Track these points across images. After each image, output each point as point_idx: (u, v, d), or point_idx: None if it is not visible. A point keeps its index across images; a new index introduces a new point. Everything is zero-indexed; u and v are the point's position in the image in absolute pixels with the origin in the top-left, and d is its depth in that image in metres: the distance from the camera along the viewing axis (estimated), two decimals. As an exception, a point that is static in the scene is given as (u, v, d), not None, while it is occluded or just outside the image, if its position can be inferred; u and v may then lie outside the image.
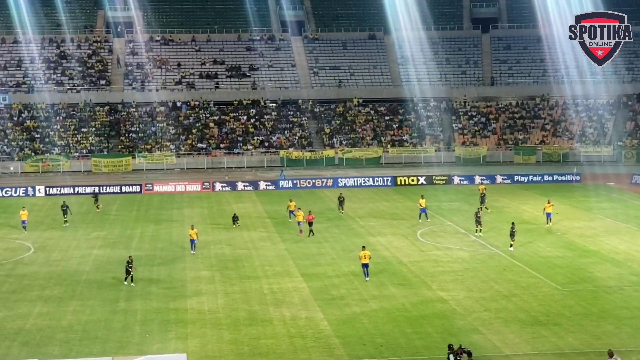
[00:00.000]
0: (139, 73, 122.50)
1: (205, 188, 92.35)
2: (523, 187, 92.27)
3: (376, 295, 48.44)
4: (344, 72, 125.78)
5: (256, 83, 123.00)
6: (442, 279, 52.00)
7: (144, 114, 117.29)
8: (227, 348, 39.82)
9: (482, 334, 41.24)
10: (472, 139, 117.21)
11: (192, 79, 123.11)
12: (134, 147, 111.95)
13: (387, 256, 58.32)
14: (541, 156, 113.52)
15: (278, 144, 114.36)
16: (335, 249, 61.07)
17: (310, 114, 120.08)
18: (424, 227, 68.91)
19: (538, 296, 47.70)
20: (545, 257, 57.59)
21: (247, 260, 57.77)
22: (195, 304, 46.97)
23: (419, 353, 38.95)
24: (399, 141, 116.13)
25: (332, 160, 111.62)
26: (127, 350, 38.90)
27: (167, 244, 63.36)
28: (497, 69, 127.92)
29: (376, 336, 41.28)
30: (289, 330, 42.15)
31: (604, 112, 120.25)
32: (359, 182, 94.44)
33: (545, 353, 38.74)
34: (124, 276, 51.66)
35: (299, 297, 48.36)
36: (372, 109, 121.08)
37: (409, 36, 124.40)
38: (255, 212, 77.90)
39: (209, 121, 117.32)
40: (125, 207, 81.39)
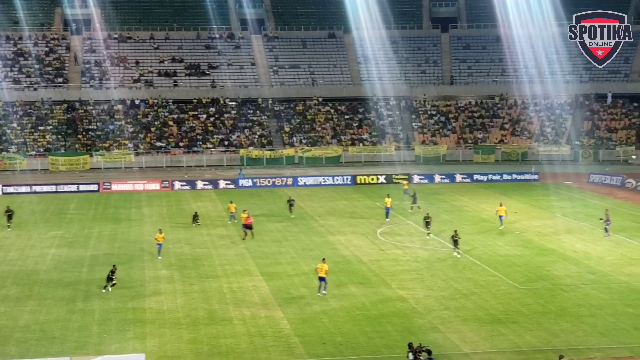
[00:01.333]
0: (96, 71, 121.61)
1: (164, 187, 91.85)
2: (482, 185, 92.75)
3: (336, 294, 48.39)
4: (303, 70, 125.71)
5: (215, 81, 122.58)
6: (401, 277, 52.07)
7: (102, 112, 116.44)
8: (186, 348, 39.59)
9: (442, 332, 41.34)
10: (431, 138, 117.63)
11: (151, 77, 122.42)
12: (91, 146, 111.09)
13: (346, 255, 58.32)
14: (500, 155, 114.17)
15: (238, 142, 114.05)
16: (295, 247, 60.97)
17: (270, 112, 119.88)
18: (384, 226, 69.01)
19: (497, 294, 47.93)
20: (504, 255, 57.88)
21: (207, 259, 57.52)
22: (154, 303, 46.66)
23: (379, 352, 38.96)
24: (358, 140, 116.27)
25: (292, 159, 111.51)
26: (85, 350, 38.56)
27: (125, 243, 62.91)
28: (457, 68, 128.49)
29: (336, 335, 41.24)
30: (249, 330, 42.00)
31: (562, 111, 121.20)
32: (318, 181, 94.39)
33: (504, 351, 38.90)
34: (82, 276, 51.13)
35: (259, 296, 48.21)
36: (332, 108, 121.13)
37: (369, 35, 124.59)
38: (214, 211, 77.60)
39: (167, 119, 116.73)
40: (83, 206, 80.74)
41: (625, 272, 53.10)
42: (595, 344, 39.48)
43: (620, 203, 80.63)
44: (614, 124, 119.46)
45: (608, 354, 37.81)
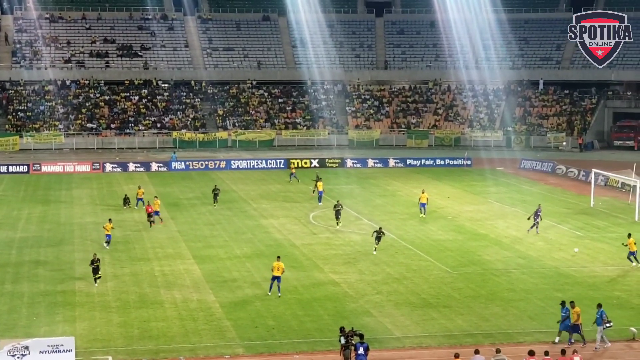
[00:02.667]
0: (28, 51, 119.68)
1: (95, 169, 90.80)
2: (415, 170, 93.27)
3: (268, 277, 48.14)
4: (237, 53, 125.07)
5: (148, 63, 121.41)
6: (334, 261, 52.15)
7: (33, 92, 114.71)
8: (116, 331, 39.21)
9: (374, 317, 41.48)
10: (365, 122, 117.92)
11: (82, 58, 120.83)
12: (21, 126, 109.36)
13: (279, 239, 58.25)
14: (433, 140, 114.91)
15: (170, 125, 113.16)
16: (227, 231, 60.73)
17: (203, 95, 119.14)
18: (317, 210, 69.04)
19: (429, 279, 48.24)
20: (436, 240, 58.29)
21: (138, 242, 57.03)
22: (84, 286, 46.14)
23: (311, 335, 38.98)
24: (292, 124, 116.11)
25: (225, 142, 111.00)
26: (14, 333, 38.00)
27: (54, 225, 62.10)
28: (391, 53, 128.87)
29: (268, 319, 41.16)
30: (180, 313, 41.73)
31: (495, 97, 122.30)
32: (251, 165, 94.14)
33: (435, 335, 39.17)
34: (11, 258, 50.22)
35: (191, 279, 47.94)
36: (265, 91, 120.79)
37: (304, 18, 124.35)
38: (147, 193, 76.80)
39: (99, 101, 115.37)
40: (12, 188, 79.53)
41: (555, 257, 53.80)
42: (525, 328, 39.93)
43: (550, 189, 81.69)
44: (546, 110, 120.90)
45: (537, 338, 38.26)
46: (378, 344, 37.36)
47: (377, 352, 36.21)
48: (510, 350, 35.88)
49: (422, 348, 37.85)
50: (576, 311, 37.89)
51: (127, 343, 37.80)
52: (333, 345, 36.70)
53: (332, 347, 36.90)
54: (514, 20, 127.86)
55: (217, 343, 37.94)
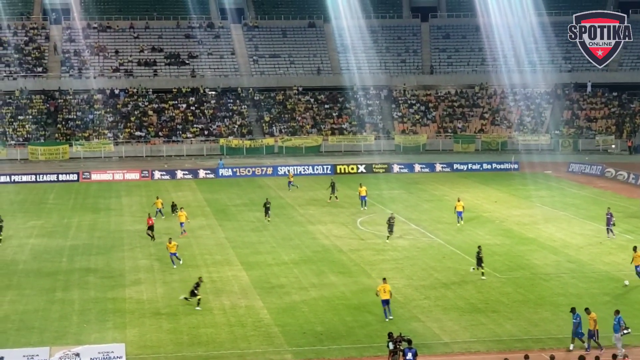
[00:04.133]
0: (76, 60, 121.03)
1: (144, 176, 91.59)
2: (462, 175, 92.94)
3: (316, 283, 48.42)
4: (283, 60, 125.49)
5: (195, 71, 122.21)
6: (382, 267, 52.12)
7: (82, 101, 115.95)
8: (166, 337, 39.53)
9: (422, 322, 41.42)
10: (411, 127, 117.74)
11: (131, 67, 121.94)
12: (71, 135, 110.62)
13: (326, 245, 58.33)
14: (480, 144, 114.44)
15: (217, 132, 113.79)
16: (275, 237, 60.93)
17: (250, 102, 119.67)
18: (364, 215, 69.06)
19: (477, 284, 48.05)
20: (484, 244, 57.83)
21: (187, 248, 57.39)
22: (134, 293, 46.55)
23: (359, 341, 39.00)
24: (338, 129, 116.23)
25: (271, 149, 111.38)
26: (65, 340, 38.43)
27: (104, 233, 62.72)
28: (437, 57, 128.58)
29: (316, 325, 41.26)
30: (229, 319, 41.95)
31: (541, 100, 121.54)
32: (298, 171, 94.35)
33: (484, 340, 39.02)
34: (62, 266, 50.85)
35: (239, 285, 48.18)
36: (311, 97, 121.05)
37: (348, 24, 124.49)
38: (194, 200, 77.46)
39: (147, 109, 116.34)
40: (63, 196, 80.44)
41: (605, 261, 53.34)
42: (574, 333, 39.65)
43: (599, 192, 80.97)
44: (594, 113, 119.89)
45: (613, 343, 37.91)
46: (426, 349, 37.31)
47: (426, 357, 36.16)
48: (560, 356, 35.67)
49: (470, 353, 37.73)
50: (592, 317, 37.58)
51: (176, 349, 38.10)
52: (381, 351, 36.71)
53: (380, 352, 36.91)
54: (560, 22, 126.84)
55: (266, 349, 38.10)
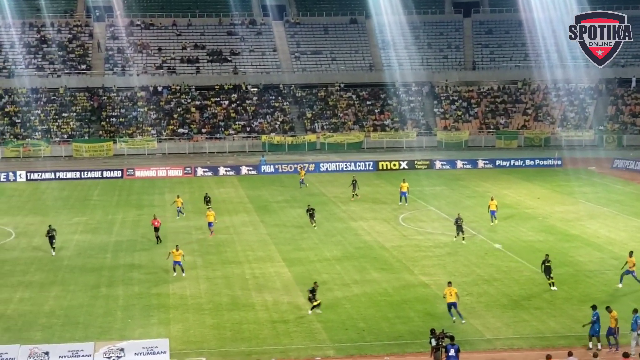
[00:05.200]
0: (119, 58, 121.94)
1: (187, 173, 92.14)
2: (505, 171, 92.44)
3: (358, 280, 48.49)
4: (325, 56, 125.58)
5: (237, 68, 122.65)
6: (424, 263, 52.09)
7: (125, 98, 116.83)
8: (209, 333, 39.80)
9: (464, 318, 41.30)
10: (453, 124, 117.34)
11: (173, 64, 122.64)
12: (115, 132, 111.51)
13: (368, 241, 58.36)
14: (523, 140, 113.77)
15: (260, 128, 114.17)
16: (317, 233, 61.06)
17: (291, 98, 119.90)
18: (406, 211, 69.00)
19: (519, 280, 47.86)
20: (527, 241, 57.77)
21: (229, 245, 57.71)
22: (178, 289, 46.89)
23: (402, 337, 39.03)
24: (380, 126, 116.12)
25: (313, 145, 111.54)
26: (110, 336, 38.82)
27: (148, 230, 63.05)
28: (479, 53, 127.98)
29: (358, 321, 41.33)
30: (271, 315, 42.14)
31: (585, 96, 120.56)
32: (340, 167, 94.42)
33: (527, 337, 38.89)
34: (106, 262, 51.23)
35: (281, 282, 48.36)
36: (353, 94, 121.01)
37: (390, 20, 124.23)
38: (237, 197, 77.81)
39: (190, 106, 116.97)
40: (107, 193, 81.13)
41: (649, 257, 52.84)
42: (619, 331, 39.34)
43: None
44: (639, 108, 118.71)
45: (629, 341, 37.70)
46: (469, 345, 37.26)
47: (468, 354, 36.12)
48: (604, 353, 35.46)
49: (513, 350, 37.62)
50: (613, 316, 37.33)
51: (220, 345, 38.36)
52: (424, 347, 36.72)
53: (422, 349, 36.92)
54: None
55: (308, 345, 38.25)
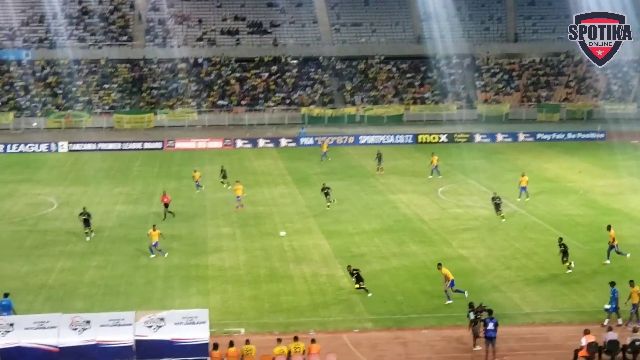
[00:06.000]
0: (160, 29, 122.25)
1: (226, 145, 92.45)
2: (546, 145, 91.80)
3: (397, 252, 48.52)
4: (365, 28, 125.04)
5: (277, 40, 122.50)
6: (462, 236, 52.00)
7: (166, 70, 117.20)
8: (247, 304, 40.07)
9: (503, 292, 41.29)
10: (494, 97, 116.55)
11: (214, 35, 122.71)
12: (156, 104, 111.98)
13: (407, 214, 58.31)
14: (565, 114, 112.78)
15: (299, 101, 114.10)
16: (356, 206, 61.08)
17: (331, 71, 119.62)
18: (445, 184, 68.81)
19: (559, 254, 47.56)
20: (567, 215, 57.44)
21: (268, 217, 57.91)
22: (216, 260, 47.20)
23: (439, 311, 39.06)
24: (420, 99, 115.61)
25: (353, 118, 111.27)
26: (150, 305, 39.15)
27: (188, 201, 63.52)
28: (521, 25, 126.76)
29: (396, 294, 41.40)
30: (310, 287, 42.32)
31: (629, 69, 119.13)
32: (380, 140, 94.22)
33: (566, 311, 38.77)
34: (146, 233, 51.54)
35: (320, 254, 48.50)
36: (394, 66, 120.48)
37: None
38: (276, 169, 77.99)
39: (230, 78, 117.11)
40: (147, 164, 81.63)
41: (691, 232, 52.40)
42: (659, 305, 39.11)
43: (687, 163, 79.41)
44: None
45: None
46: (507, 319, 37.22)
47: (507, 327, 36.08)
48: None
49: (552, 324, 37.53)
50: (636, 290, 37.04)
51: (258, 316, 38.62)
52: (462, 321, 36.72)
53: (460, 322, 36.93)
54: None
55: (346, 317, 38.39)
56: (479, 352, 34.58)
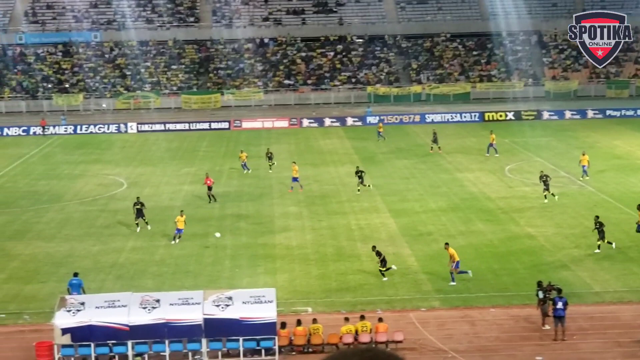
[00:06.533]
0: (226, 10, 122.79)
1: (292, 124, 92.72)
2: (615, 121, 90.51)
3: (463, 231, 48.36)
4: (431, 6, 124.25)
5: (343, 19, 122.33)
6: (530, 215, 51.61)
7: (232, 50, 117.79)
8: (315, 283, 40.28)
9: (572, 271, 40.95)
10: (562, 73, 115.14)
11: (279, 15, 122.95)
12: (222, 84, 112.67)
13: (474, 192, 58.03)
14: (634, 90, 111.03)
15: (365, 80, 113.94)
16: (422, 185, 60.94)
17: (397, 49, 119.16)
18: (512, 162, 68.30)
19: (630, 233, 46.97)
20: (638, 192, 56.63)
21: (335, 196, 58.03)
22: (284, 239, 47.48)
23: (507, 289, 38.89)
24: (487, 76, 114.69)
25: (419, 96, 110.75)
26: (218, 284, 39.61)
27: (255, 180, 63.92)
28: (589, 0, 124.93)
29: (463, 272, 41.27)
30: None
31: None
32: (446, 118, 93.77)
33: (637, 290, 38.35)
34: (214, 212, 51.86)
35: (387, 232, 48.53)
36: (460, 44, 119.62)
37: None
38: (342, 148, 78.03)
39: (296, 57, 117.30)
40: (214, 144, 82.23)
41: None
42: None
43: None
44: None
45: None
46: (577, 298, 36.91)
47: (576, 306, 35.78)
48: None
49: (622, 303, 37.17)
50: None
51: (325, 295, 38.81)
52: (530, 300, 36.51)
53: (528, 301, 36.72)
54: None
55: (413, 296, 38.43)
56: (548, 331, 34.41)
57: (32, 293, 39.80)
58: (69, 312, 32.65)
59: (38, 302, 38.50)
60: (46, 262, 44.38)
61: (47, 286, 40.51)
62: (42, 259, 45.07)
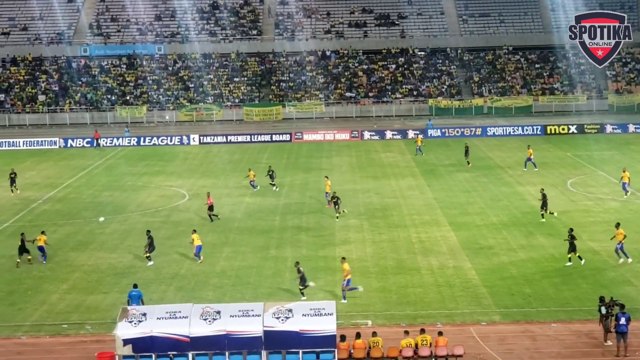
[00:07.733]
0: (289, 23, 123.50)
1: (353, 137, 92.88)
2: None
3: (525, 245, 48.06)
4: (493, 19, 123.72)
5: (405, 31, 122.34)
6: (593, 229, 51.12)
7: (294, 63, 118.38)
8: (375, 296, 40.29)
9: (635, 286, 40.49)
10: (626, 86, 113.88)
11: (341, 28, 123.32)
12: (284, 96, 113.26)
13: (536, 206, 57.53)
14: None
15: (426, 92, 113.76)
16: (483, 198, 60.70)
17: (459, 62, 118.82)
18: (574, 176, 67.69)
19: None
20: (703, 208, 55.88)
21: (395, 209, 58.02)
22: (344, 252, 47.52)
23: (569, 304, 38.56)
24: (549, 89, 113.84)
25: (481, 109, 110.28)
26: (278, 297, 39.78)
27: (316, 193, 64.11)
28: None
29: (524, 286, 41.04)
30: (437, 279, 42.30)
31: None
32: (508, 131, 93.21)
33: (700, 307, 37.77)
34: (275, 224, 51.99)
35: (447, 246, 48.41)
36: (522, 57, 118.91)
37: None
38: (403, 160, 77.99)
39: (357, 70, 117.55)
40: (276, 156, 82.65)
41: None
42: None
43: None
44: None
45: None
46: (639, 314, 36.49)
47: (639, 322, 35.36)
48: None
49: (687, 320, 36.61)
50: None
51: (385, 308, 38.81)
52: (592, 315, 36.17)
53: (591, 316, 36.38)
54: None
55: (474, 310, 38.27)
56: (610, 347, 34.05)
57: (94, 304, 40.34)
58: (131, 322, 33.00)
59: (100, 313, 39.03)
60: (108, 273, 44.98)
61: (109, 297, 41.05)
62: (104, 269, 45.68)
